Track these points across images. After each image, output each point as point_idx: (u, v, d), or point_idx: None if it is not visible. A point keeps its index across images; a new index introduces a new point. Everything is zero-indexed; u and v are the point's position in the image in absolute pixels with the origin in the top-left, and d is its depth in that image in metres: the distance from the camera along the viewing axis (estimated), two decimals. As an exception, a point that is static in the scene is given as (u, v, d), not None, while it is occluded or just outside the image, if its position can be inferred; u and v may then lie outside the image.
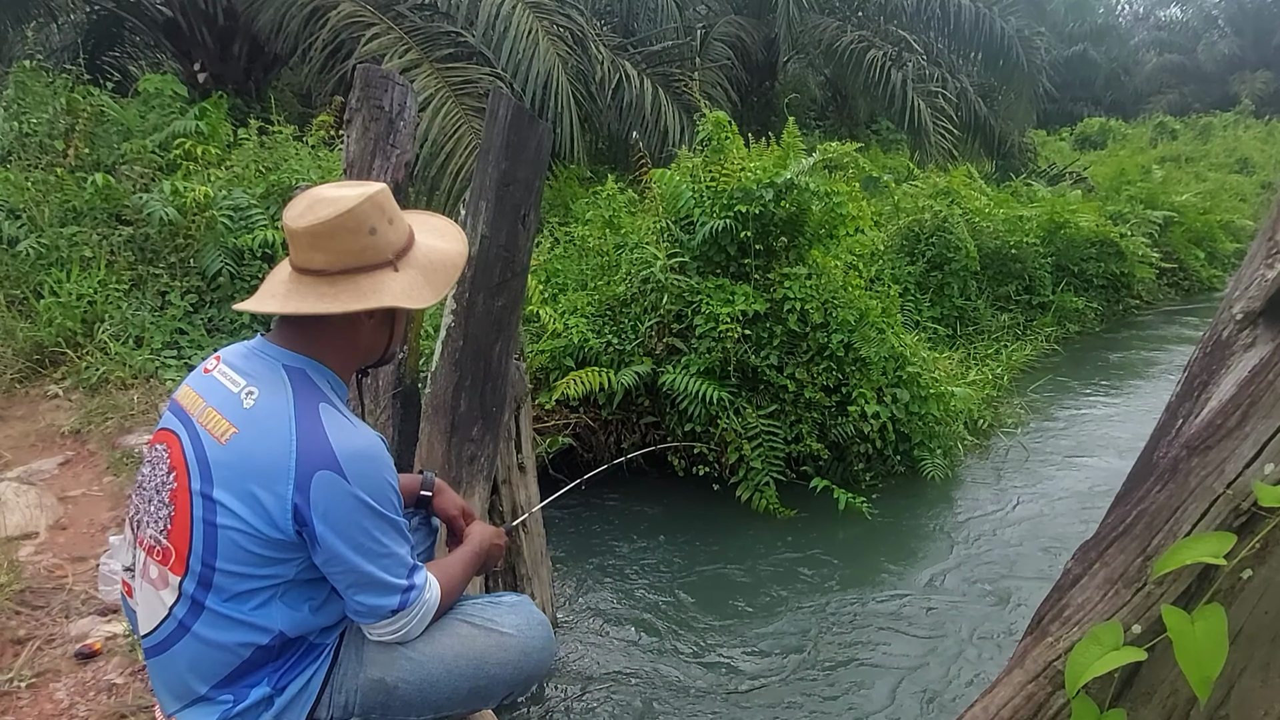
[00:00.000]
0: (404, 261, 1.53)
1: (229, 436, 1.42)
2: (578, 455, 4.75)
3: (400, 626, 1.54)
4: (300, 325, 1.51)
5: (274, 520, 1.39)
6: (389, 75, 3.03)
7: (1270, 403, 1.30)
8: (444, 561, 1.73)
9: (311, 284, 1.48)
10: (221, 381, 1.48)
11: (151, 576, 1.48)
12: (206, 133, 5.89)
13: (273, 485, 1.38)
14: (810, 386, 4.64)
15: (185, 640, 1.45)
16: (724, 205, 4.82)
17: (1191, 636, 1.25)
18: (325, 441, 1.40)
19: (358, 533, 1.43)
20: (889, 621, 3.59)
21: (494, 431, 2.97)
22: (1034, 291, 8.55)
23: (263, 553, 1.41)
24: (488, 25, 7.63)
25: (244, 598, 1.43)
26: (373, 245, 1.48)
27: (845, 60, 11.72)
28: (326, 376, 1.52)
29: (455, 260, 1.63)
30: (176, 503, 1.44)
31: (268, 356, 1.50)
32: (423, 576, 1.56)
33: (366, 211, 1.46)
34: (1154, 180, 11.88)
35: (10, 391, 4.27)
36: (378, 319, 1.56)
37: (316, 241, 1.46)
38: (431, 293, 1.54)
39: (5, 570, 2.71)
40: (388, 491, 1.48)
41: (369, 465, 1.44)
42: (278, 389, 1.45)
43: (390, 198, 1.54)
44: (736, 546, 4.25)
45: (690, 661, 3.32)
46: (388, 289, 1.48)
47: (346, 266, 1.47)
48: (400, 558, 1.50)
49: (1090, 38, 28.29)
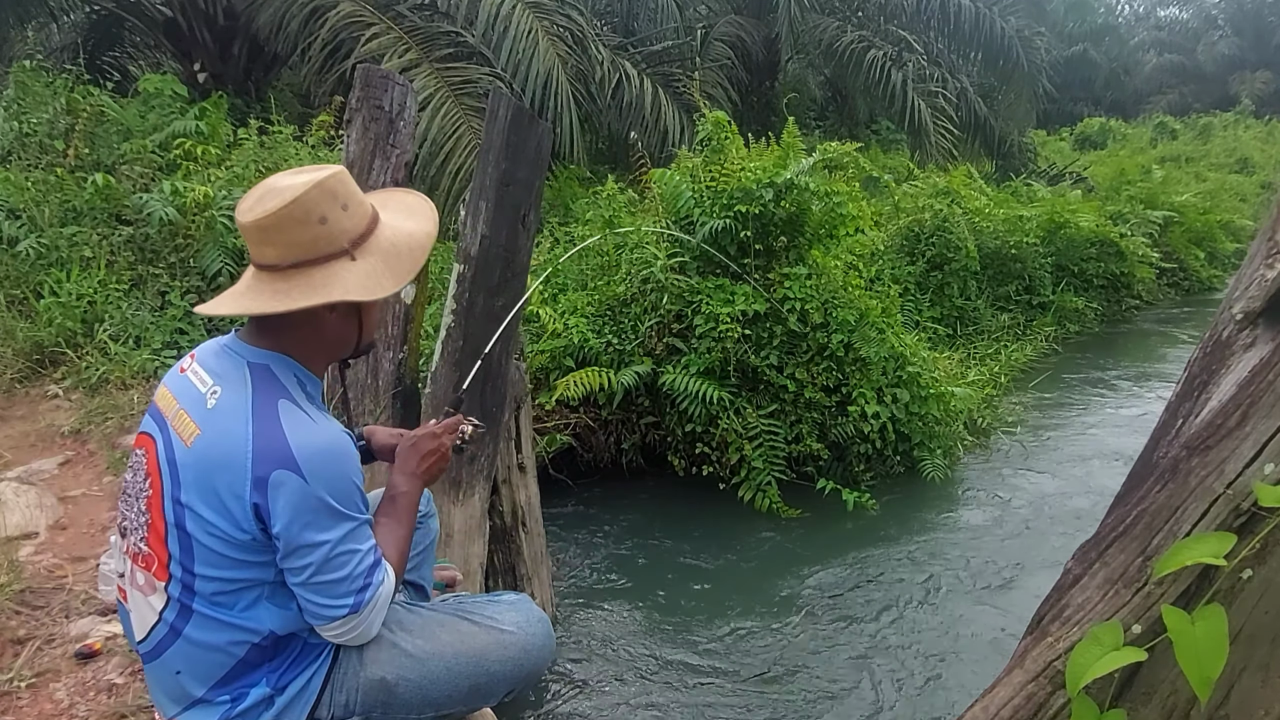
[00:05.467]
0: (363, 249, 1.45)
1: (193, 438, 1.40)
2: (578, 455, 4.75)
3: (353, 628, 1.48)
4: (265, 320, 1.46)
5: (237, 521, 1.37)
6: (389, 75, 3.04)
7: (1270, 403, 1.30)
8: (386, 531, 1.58)
9: (267, 280, 1.43)
10: (193, 381, 1.46)
11: (139, 583, 1.48)
12: (206, 133, 5.89)
13: (232, 486, 1.36)
14: (810, 386, 4.64)
15: (178, 644, 1.45)
16: (724, 205, 4.82)
17: (1191, 636, 1.25)
18: (282, 440, 1.37)
19: (315, 532, 1.38)
20: (888, 621, 3.58)
21: (494, 431, 2.97)
22: (1034, 291, 8.55)
23: (234, 555, 1.39)
24: (487, 25, 7.63)
25: (229, 599, 1.42)
26: (325, 235, 1.41)
27: (845, 60, 11.73)
28: (293, 371, 1.47)
29: (422, 242, 1.54)
30: (152, 510, 1.44)
31: (235, 354, 1.46)
32: (380, 574, 1.49)
33: (314, 200, 1.39)
34: (1154, 180, 11.88)
35: (10, 391, 4.27)
36: (341, 311, 1.48)
37: (265, 235, 1.40)
38: (393, 281, 1.47)
39: (5, 570, 2.70)
40: (349, 489, 1.43)
41: (327, 463, 1.39)
42: (239, 387, 1.41)
43: (346, 182, 1.45)
44: (736, 546, 4.25)
45: (690, 661, 3.31)
46: (340, 281, 1.41)
47: (298, 259, 1.41)
48: (359, 558, 1.45)
49: (1090, 38, 28.31)
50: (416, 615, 1.72)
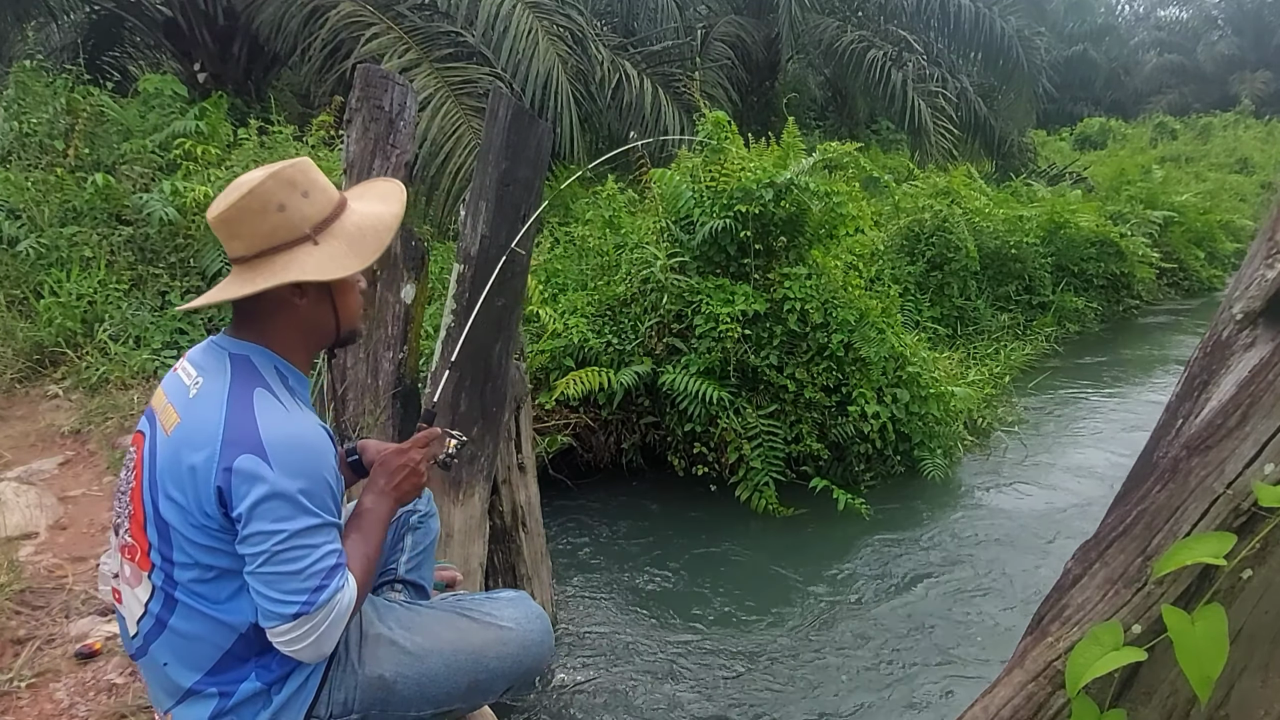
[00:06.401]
0: (326, 233, 1.48)
1: (173, 427, 1.43)
2: (578, 455, 4.75)
3: (304, 635, 1.38)
4: (245, 314, 1.50)
5: (201, 505, 1.37)
6: (389, 75, 3.04)
7: (1270, 403, 1.30)
8: (353, 545, 1.52)
9: (239, 272, 1.47)
10: (181, 377, 1.49)
11: (127, 575, 1.50)
12: (206, 133, 5.88)
13: (200, 468, 1.37)
14: (810, 386, 4.64)
15: (164, 636, 1.46)
16: (724, 205, 4.82)
17: (1192, 636, 1.25)
18: (253, 426, 1.37)
19: (271, 521, 1.35)
20: (888, 621, 3.59)
21: (494, 431, 2.97)
22: (1034, 291, 8.56)
23: (204, 541, 1.40)
24: (487, 25, 7.62)
25: (209, 589, 1.43)
26: (284, 222, 1.44)
27: (845, 60, 11.74)
28: (274, 363, 1.49)
29: (387, 222, 1.56)
30: (134, 500, 1.46)
31: (219, 347, 1.50)
32: (341, 580, 1.41)
33: (271, 189, 1.43)
34: (1154, 180, 11.88)
35: (10, 391, 4.27)
36: (312, 296, 1.50)
37: (229, 229, 1.44)
38: (357, 260, 1.49)
39: (5, 570, 2.70)
40: (317, 485, 1.40)
41: (296, 453, 1.38)
42: (219, 376, 1.44)
43: (308, 170, 1.49)
44: (737, 546, 4.25)
45: (690, 660, 3.31)
46: (299, 263, 1.44)
47: (262, 248, 1.44)
48: (318, 555, 1.39)
49: (1090, 38, 28.31)
50: (415, 613, 1.73)
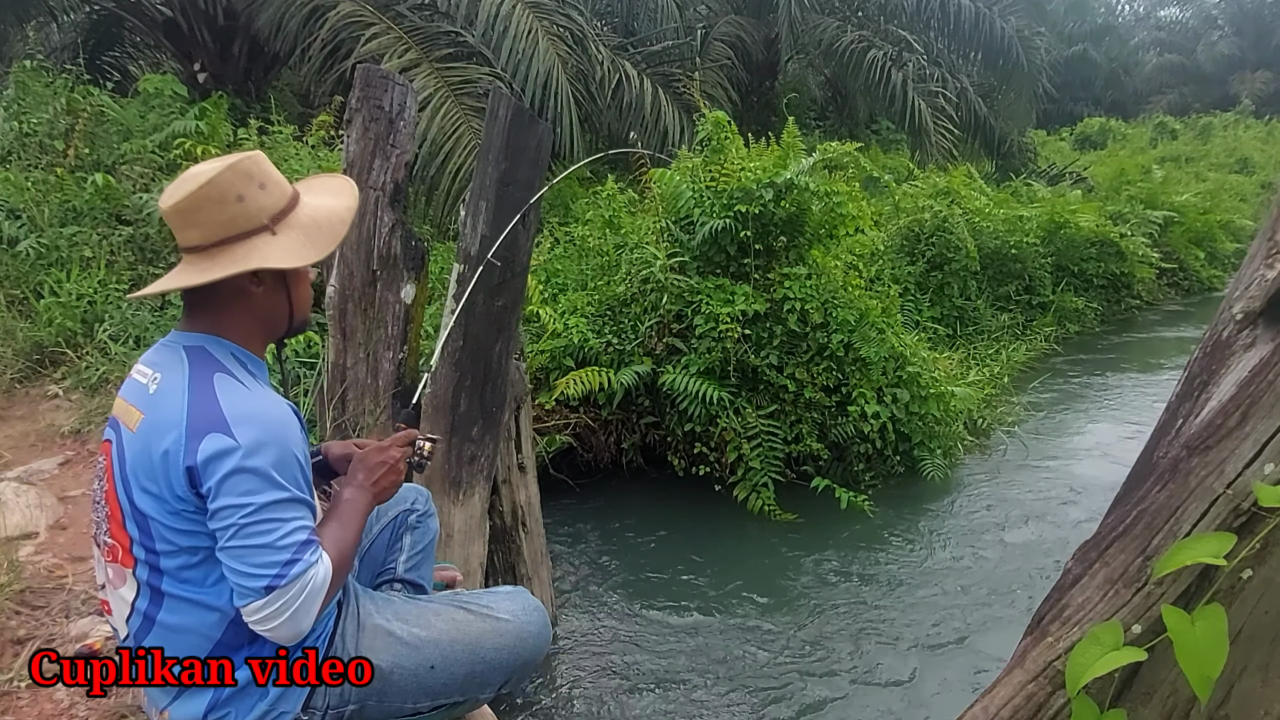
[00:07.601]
0: (284, 224, 1.51)
1: (138, 423, 1.44)
2: (578, 455, 4.75)
3: (276, 613, 1.38)
4: (198, 305, 1.51)
5: (174, 488, 1.39)
6: (389, 75, 3.03)
7: (1270, 403, 1.30)
8: (328, 530, 1.52)
9: (194, 261, 1.48)
10: (137, 379, 1.51)
11: (111, 578, 1.51)
12: (206, 133, 5.88)
13: (169, 453, 1.38)
14: (810, 386, 4.64)
15: (154, 632, 1.46)
16: (724, 205, 4.82)
17: (1191, 636, 1.25)
18: (215, 406, 1.39)
19: (239, 495, 1.37)
20: (887, 621, 3.59)
21: (494, 431, 2.97)
22: (1034, 291, 8.55)
23: (183, 526, 1.41)
24: (487, 25, 7.62)
25: (197, 573, 1.43)
26: (243, 213, 1.47)
27: (845, 60, 11.72)
28: (229, 349, 1.50)
29: (343, 216, 1.59)
30: (110, 501, 1.48)
31: (173, 343, 1.51)
32: (314, 555, 1.42)
33: (229, 180, 1.45)
34: (1154, 180, 11.88)
35: (10, 391, 4.27)
36: (269, 285, 1.53)
37: (185, 218, 1.46)
38: (314, 251, 1.52)
39: (5, 570, 2.70)
40: (285, 458, 1.42)
41: (261, 430, 1.40)
42: (176, 369, 1.45)
43: (262, 163, 1.52)
44: (736, 546, 4.25)
45: (691, 660, 3.31)
46: (260, 252, 1.47)
47: (220, 238, 1.46)
48: (288, 528, 1.40)
49: (1090, 38, 28.31)
50: (412, 605, 1.74)
